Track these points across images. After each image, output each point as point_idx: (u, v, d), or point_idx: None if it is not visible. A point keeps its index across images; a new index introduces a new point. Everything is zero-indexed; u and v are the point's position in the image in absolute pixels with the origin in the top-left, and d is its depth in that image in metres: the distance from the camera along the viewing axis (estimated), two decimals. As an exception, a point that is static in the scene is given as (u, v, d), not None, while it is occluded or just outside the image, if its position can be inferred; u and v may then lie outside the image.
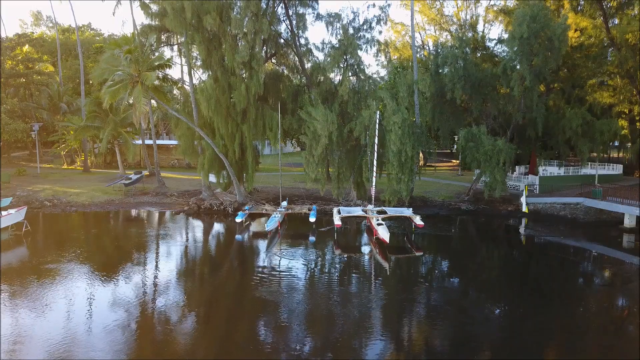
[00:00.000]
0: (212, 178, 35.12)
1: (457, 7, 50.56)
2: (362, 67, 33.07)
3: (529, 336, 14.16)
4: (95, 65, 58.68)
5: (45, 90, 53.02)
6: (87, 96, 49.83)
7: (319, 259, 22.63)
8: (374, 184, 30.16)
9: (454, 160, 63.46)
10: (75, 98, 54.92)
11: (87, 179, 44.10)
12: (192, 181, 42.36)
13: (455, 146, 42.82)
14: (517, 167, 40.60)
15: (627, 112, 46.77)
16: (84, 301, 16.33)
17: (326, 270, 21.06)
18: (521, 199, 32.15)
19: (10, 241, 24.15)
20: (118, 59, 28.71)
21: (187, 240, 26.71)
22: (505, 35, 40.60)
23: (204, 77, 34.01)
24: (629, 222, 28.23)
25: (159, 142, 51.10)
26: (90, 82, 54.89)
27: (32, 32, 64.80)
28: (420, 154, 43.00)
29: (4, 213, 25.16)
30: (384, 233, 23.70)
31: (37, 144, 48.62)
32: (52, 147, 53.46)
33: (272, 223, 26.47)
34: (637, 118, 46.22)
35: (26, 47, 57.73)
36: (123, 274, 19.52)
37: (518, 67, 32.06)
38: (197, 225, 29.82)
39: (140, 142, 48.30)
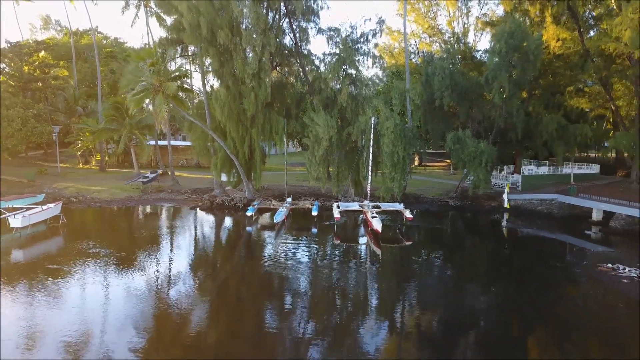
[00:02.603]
0: (224, 176, 38.63)
1: (450, 17, 53.94)
2: (359, 76, 36.47)
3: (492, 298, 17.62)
4: (105, 68, 62.12)
5: (61, 94, 56.10)
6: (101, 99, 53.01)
7: (321, 247, 26.03)
8: (369, 182, 33.58)
9: (447, 160, 66.78)
10: (89, 101, 57.99)
11: (104, 177, 47.38)
12: (202, 179, 45.76)
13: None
14: (504, 167, 43.98)
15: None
16: (127, 281, 19.74)
17: (327, 256, 24.46)
18: (503, 195, 35.57)
19: (49, 232, 27.43)
20: (141, 70, 32.06)
21: (204, 231, 30.19)
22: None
23: (216, 84, 37.48)
24: (596, 216, 31.69)
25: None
26: (103, 85, 58.04)
27: (48, 39, 67.74)
28: (416, 155, 46.37)
29: (44, 207, 28.50)
30: (377, 225, 27.13)
31: (57, 145, 51.87)
32: (69, 147, 56.52)
33: (279, 216, 29.95)
34: (617, 121, 49.52)
35: (42, 53, 60.96)
36: (155, 258, 22.99)
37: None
38: (212, 219, 33.23)
39: (152, 142, 51.74)
